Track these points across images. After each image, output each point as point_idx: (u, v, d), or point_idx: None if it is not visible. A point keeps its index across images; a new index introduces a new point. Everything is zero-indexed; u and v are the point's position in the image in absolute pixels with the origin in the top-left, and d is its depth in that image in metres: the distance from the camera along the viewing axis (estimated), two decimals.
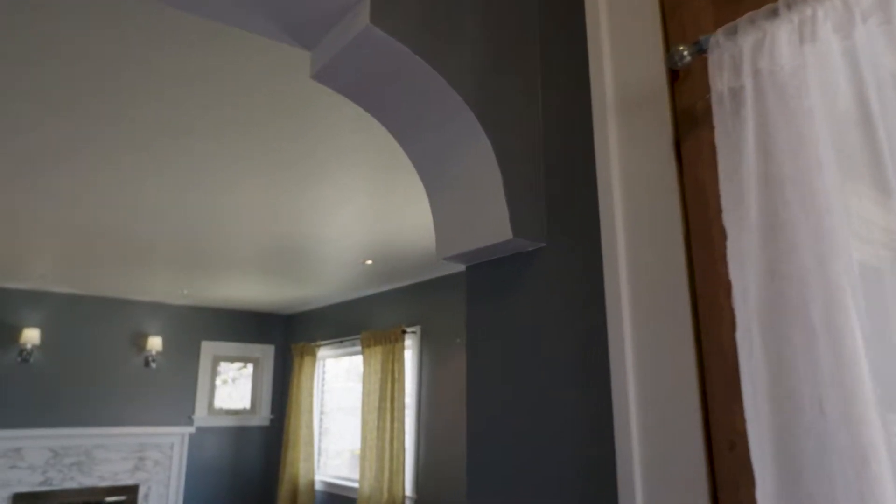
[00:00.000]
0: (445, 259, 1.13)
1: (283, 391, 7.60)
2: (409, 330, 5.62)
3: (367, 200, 3.49)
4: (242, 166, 3.00)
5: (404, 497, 5.20)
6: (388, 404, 5.47)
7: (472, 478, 1.06)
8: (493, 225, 1.02)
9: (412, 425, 5.43)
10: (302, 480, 6.51)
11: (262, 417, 7.41)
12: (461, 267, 5.15)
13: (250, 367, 7.52)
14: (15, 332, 6.13)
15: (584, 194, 0.99)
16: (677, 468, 0.77)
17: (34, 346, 6.17)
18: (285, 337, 7.77)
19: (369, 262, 4.93)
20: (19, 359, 6.10)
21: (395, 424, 5.36)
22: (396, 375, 5.48)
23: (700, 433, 0.75)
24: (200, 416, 6.97)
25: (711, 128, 0.79)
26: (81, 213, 3.72)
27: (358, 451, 6.55)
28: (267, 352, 7.60)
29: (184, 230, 4.09)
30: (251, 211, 3.68)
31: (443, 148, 1.07)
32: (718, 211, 0.78)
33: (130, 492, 6.31)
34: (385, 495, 5.30)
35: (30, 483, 5.85)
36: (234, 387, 7.40)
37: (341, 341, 6.42)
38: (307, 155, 2.87)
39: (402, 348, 5.50)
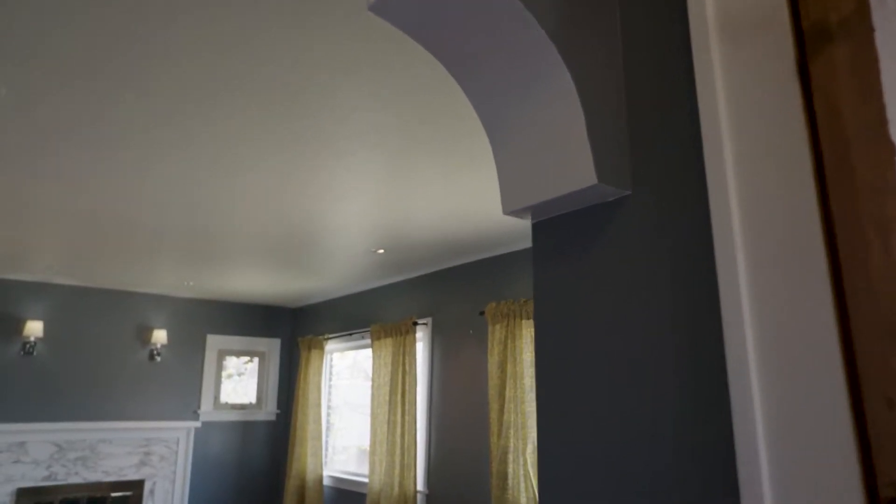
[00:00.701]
0: (510, 214, 1.02)
1: (289, 386, 7.50)
2: (420, 322, 5.51)
3: (380, 186, 3.38)
4: (253, 147, 2.89)
5: (416, 492, 5.10)
6: (399, 397, 5.36)
7: (546, 476, 0.95)
8: (572, 171, 0.91)
9: (423, 419, 5.32)
10: (310, 476, 6.41)
11: (269, 412, 7.31)
12: (473, 257, 5.04)
13: (256, 361, 7.42)
14: (18, 325, 6.02)
15: (678, 133, 0.88)
16: (815, 436, 0.66)
17: (37, 339, 6.07)
18: (292, 331, 7.66)
19: (381, 250, 4.82)
20: (22, 352, 5.99)
21: (407, 418, 5.26)
22: (407, 368, 5.37)
23: (843, 390, 0.65)
24: (206, 411, 6.87)
25: (852, 40, 0.68)
26: (86, 198, 3.61)
27: (365, 447, 6.44)
28: (273, 346, 7.49)
29: (190, 218, 3.98)
30: (260, 197, 3.57)
31: (514, 86, 0.96)
32: (859, 135, 0.67)
33: (136, 487, 6.21)
34: (396, 490, 5.20)
35: (34, 478, 5.75)
36: (239, 381, 7.29)
37: (350, 334, 6.32)
38: (320, 134, 2.76)
39: (414, 340, 5.39)
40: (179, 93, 2.40)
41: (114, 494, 6.10)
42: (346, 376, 6.92)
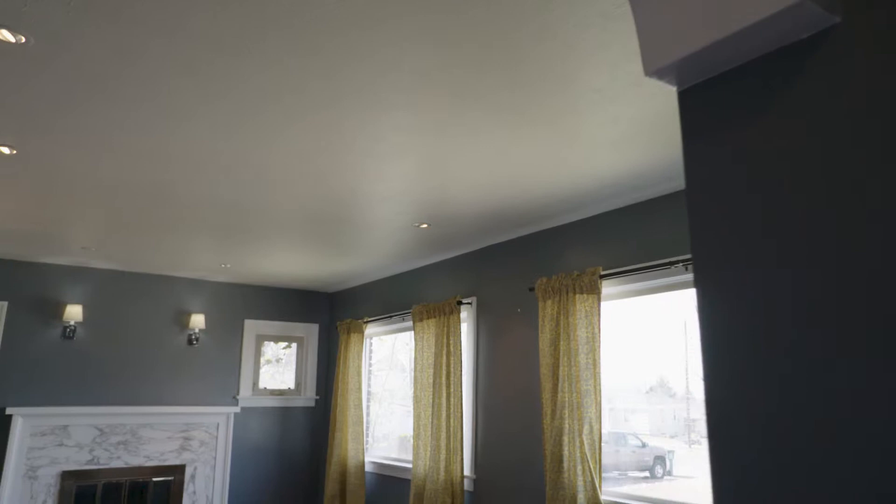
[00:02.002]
0: (653, 74, 0.78)
1: (328, 372, 7.37)
2: (464, 301, 5.29)
3: (426, 145, 3.16)
4: (287, 105, 2.69)
5: (462, 477, 4.90)
6: (444, 379, 5.16)
7: (722, 484, 0.71)
8: None
9: (469, 401, 5.11)
10: (351, 462, 6.26)
11: (308, 398, 7.19)
12: (521, 231, 4.80)
13: (294, 346, 7.30)
14: (58, 309, 5.99)
15: None
16: None
17: (77, 323, 6.03)
18: (330, 316, 7.52)
19: (424, 225, 4.61)
20: (63, 336, 5.96)
21: (452, 401, 5.05)
22: (452, 349, 5.17)
23: None
24: (245, 396, 6.77)
25: None
26: (112, 164, 3.47)
27: (405, 434, 6.26)
28: (311, 331, 7.36)
29: (222, 187, 3.82)
30: (295, 163, 3.39)
31: None
32: None
33: (177, 472, 6.14)
34: (442, 475, 5.00)
35: (77, 461, 5.71)
36: (277, 367, 7.19)
37: (390, 316, 6.13)
38: (362, 88, 2.55)
39: (458, 320, 5.18)
40: (208, 42, 2.21)
41: (156, 479, 6.04)
42: (385, 366, 6.75)
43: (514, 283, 4.88)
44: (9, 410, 5.45)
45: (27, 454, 5.52)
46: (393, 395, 6.58)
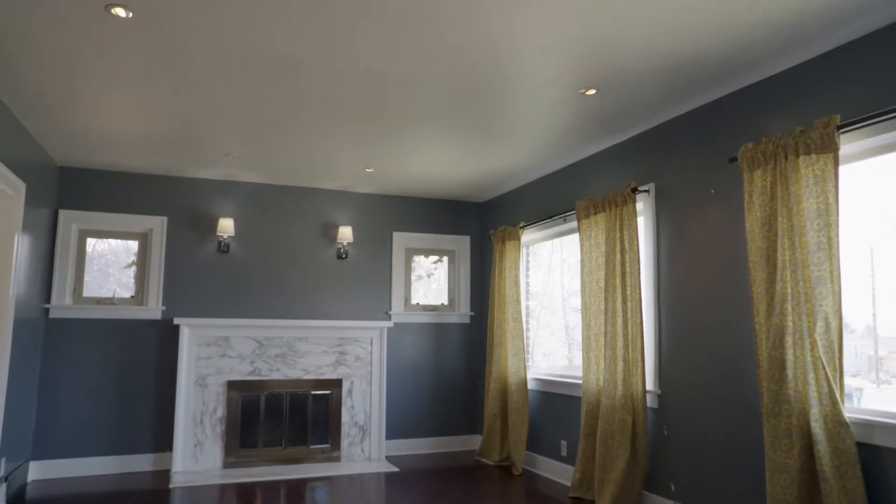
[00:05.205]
0: None
1: (481, 286, 6.88)
2: (641, 188, 4.45)
3: None
4: None
5: (644, 392, 4.18)
6: (617, 281, 4.41)
7: None
8: None
9: (651, 304, 4.33)
10: (512, 378, 5.76)
11: (462, 314, 6.77)
12: (710, 94, 3.83)
13: (445, 261, 6.87)
14: (212, 223, 5.97)
15: None
16: None
17: (230, 238, 5.99)
18: (481, 227, 6.98)
19: (591, 91, 3.80)
20: (218, 249, 5.96)
21: (630, 305, 4.30)
22: (626, 246, 4.38)
23: None
24: (397, 312, 6.49)
25: None
26: (242, 30, 3.02)
27: (566, 349, 5.62)
28: (462, 244, 6.88)
29: (362, 50, 3.26)
30: (429, 16, 2.72)
31: None
32: None
33: (334, 386, 6.02)
34: (619, 389, 4.32)
35: (241, 372, 5.75)
36: (429, 282, 6.81)
37: (551, 218, 5.42)
38: None
39: (633, 212, 4.36)
40: None
41: (314, 392, 5.96)
42: (550, 263, 6.10)
43: (703, 159, 3.95)
44: (176, 321, 5.54)
45: (196, 363, 5.62)
46: (559, 298, 5.94)
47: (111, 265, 5.75)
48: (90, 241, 5.67)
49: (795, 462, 3.01)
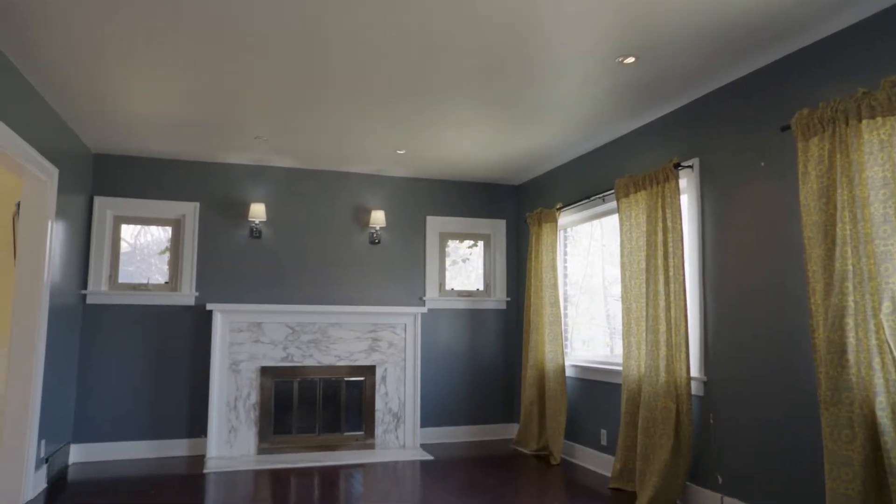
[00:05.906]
0: None
1: (518, 271, 6.69)
2: (684, 164, 4.19)
3: None
4: None
5: (689, 378, 3.95)
6: (660, 262, 4.17)
7: None
8: None
9: (695, 286, 4.09)
10: (549, 364, 5.57)
11: (498, 300, 6.60)
12: (757, 62, 3.56)
13: (481, 245, 6.70)
14: (244, 208, 5.94)
15: None
16: None
17: (262, 223, 5.95)
18: (517, 210, 6.78)
19: (630, 59, 3.57)
20: (250, 235, 5.92)
21: (673, 286, 4.06)
22: (669, 225, 4.14)
23: None
24: (431, 297, 6.35)
25: None
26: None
27: (607, 334, 5.40)
28: (498, 227, 6.69)
29: (381, 17, 3.11)
30: None
31: None
32: None
33: (368, 372, 5.93)
34: (662, 376, 4.09)
35: (273, 357, 5.71)
36: (464, 267, 6.66)
37: (589, 199, 5.20)
38: None
39: (676, 189, 4.11)
40: None
41: (348, 379, 5.89)
42: (589, 245, 5.88)
43: (752, 130, 3.68)
44: (209, 306, 5.52)
45: (229, 349, 5.60)
46: (597, 283, 5.72)
47: (147, 252, 5.77)
48: (130, 229, 5.70)
49: (859, 454, 2.75)
